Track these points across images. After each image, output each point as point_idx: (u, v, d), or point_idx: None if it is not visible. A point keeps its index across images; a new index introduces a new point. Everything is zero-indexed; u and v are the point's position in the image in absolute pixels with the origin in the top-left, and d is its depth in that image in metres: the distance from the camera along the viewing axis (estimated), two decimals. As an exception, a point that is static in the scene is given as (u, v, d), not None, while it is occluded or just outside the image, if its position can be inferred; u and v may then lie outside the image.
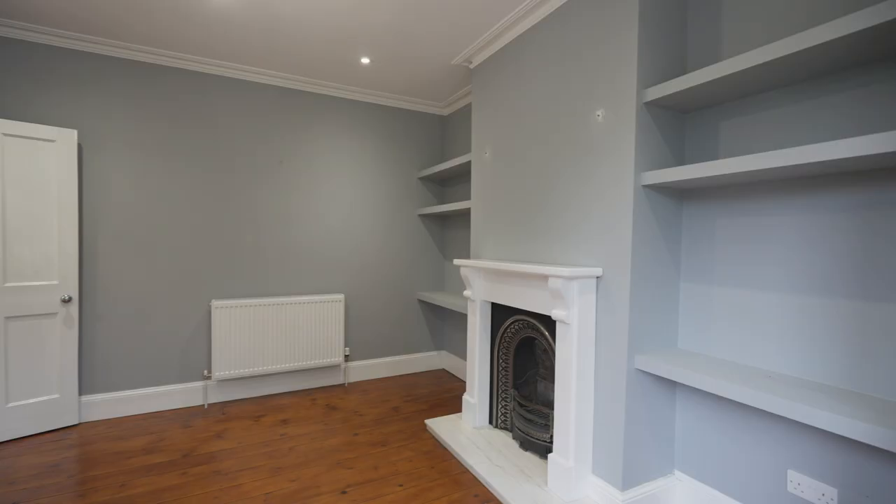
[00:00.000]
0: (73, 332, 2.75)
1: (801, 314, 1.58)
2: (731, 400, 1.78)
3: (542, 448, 2.31)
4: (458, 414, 2.93)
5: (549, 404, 2.44)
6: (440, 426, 2.73)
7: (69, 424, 2.76)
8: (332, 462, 2.36)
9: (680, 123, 1.95)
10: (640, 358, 1.83)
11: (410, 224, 3.97)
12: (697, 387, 1.61)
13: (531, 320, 2.38)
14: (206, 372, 3.17)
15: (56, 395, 2.70)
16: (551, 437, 2.26)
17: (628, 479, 1.87)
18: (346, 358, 3.69)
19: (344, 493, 2.07)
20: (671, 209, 1.94)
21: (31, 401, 2.62)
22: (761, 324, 1.70)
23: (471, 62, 2.98)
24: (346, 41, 2.79)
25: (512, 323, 2.54)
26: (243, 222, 3.30)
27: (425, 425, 2.84)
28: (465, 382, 3.72)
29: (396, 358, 3.92)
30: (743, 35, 1.75)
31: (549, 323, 2.27)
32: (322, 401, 3.26)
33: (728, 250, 1.80)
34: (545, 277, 2.11)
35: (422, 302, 4.03)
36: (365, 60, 3.06)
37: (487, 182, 2.82)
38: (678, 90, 1.70)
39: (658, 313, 1.92)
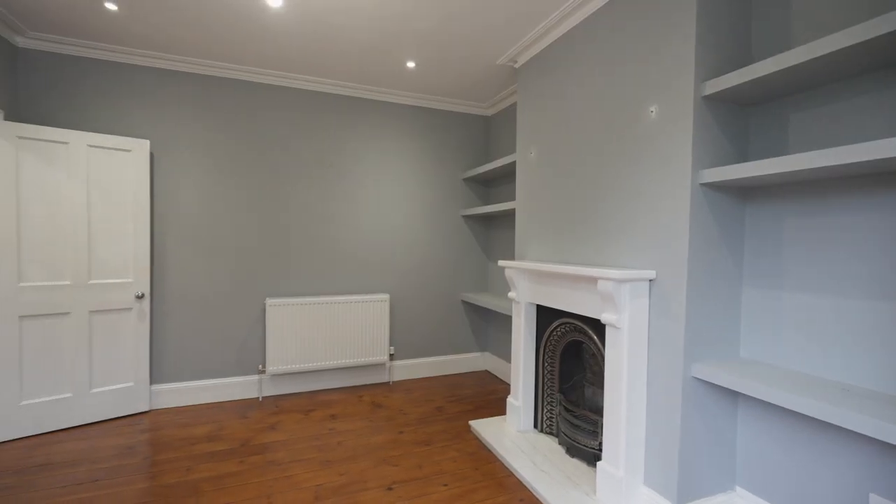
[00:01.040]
0: (144, 326, 2.99)
1: (881, 321, 1.44)
2: (799, 414, 1.64)
3: (590, 455, 2.24)
4: (503, 416, 2.91)
5: (598, 410, 2.37)
6: (484, 428, 2.72)
7: (141, 411, 3.00)
8: (378, 458, 2.42)
9: (743, 118, 1.83)
10: (698, 366, 1.73)
11: (454, 225, 3.98)
12: (764, 399, 1.50)
13: (578, 323, 2.32)
14: (260, 366, 3.34)
15: (131, 384, 2.95)
16: (600, 444, 2.19)
17: (684, 493, 1.78)
18: (391, 357, 3.76)
19: (390, 489, 2.12)
20: (733, 209, 1.82)
21: (110, 388, 2.87)
22: (836, 332, 1.56)
23: (516, 61, 2.95)
24: (392, 47, 2.85)
25: (558, 326, 2.48)
26: (295, 224, 3.45)
27: (469, 426, 2.84)
28: (508, 384, 3.69)
29: (440, 358, 3.95)
30: (816, 18, 1.61)
31: (598, 327, 2.20)
32: (368, 398, 3.35)
33: (798, 253, 1.67)
34: (594, 280, 2.05)
35: (465, 303, 4.04)
36: (410, 64, 3.11)
37: (533, 182, 2.78)
38: (741, 82, 1.59)
39: (717, 319, 1.81)
